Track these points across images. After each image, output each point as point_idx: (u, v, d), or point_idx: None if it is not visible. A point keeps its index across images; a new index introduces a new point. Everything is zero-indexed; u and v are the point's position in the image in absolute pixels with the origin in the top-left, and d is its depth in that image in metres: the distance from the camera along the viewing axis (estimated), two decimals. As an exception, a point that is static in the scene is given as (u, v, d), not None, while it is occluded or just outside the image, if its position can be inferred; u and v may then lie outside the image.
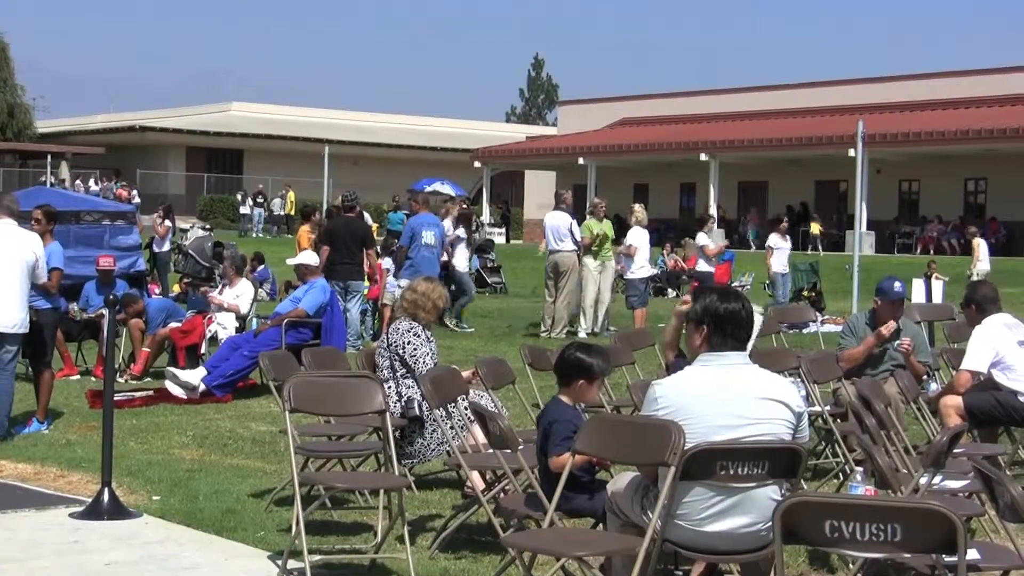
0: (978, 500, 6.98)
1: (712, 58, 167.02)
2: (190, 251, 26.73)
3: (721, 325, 5.95)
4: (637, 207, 21.28)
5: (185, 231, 31.04)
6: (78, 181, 57.09)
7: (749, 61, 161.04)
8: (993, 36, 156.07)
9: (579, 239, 20.22)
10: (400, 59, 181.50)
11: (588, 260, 20.43)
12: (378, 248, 21.06)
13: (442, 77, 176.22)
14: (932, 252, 43.01)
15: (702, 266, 21.98)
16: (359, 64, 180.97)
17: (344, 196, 19.96)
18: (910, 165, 49.11)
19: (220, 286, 16.79)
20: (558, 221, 20.46)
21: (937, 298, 22.54)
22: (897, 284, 11.16)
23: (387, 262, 20.54)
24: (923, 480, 6.81)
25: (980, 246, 28.61)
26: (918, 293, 22.14)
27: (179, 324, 15.46)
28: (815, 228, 47.38)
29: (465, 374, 9.38)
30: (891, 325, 10.58)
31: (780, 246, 24.89)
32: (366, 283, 19.59)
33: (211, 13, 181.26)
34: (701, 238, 22.22)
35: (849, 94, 52.46)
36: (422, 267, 18.11)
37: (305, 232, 22.38)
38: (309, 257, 15.37)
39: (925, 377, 11.19)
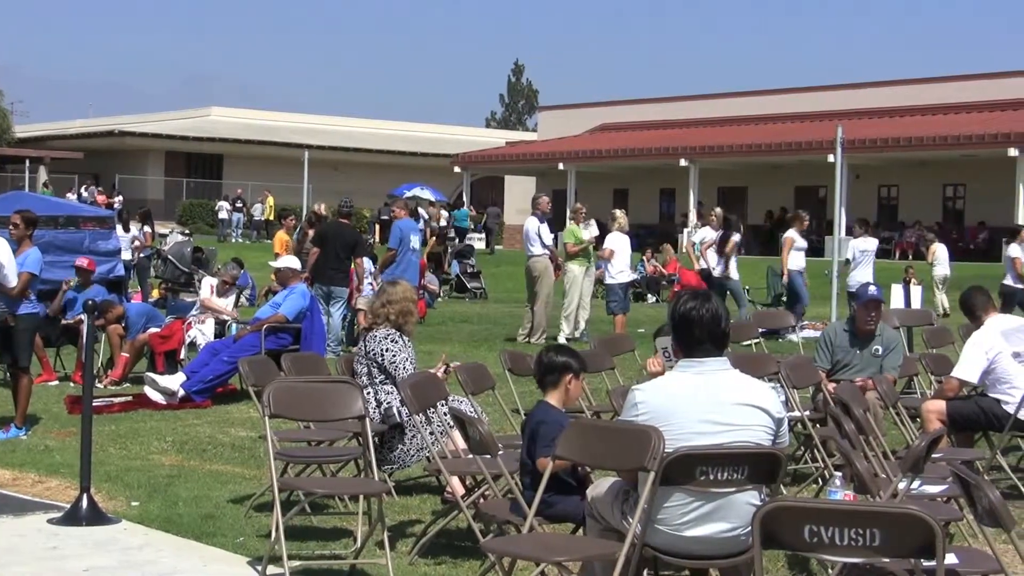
0: (956, 505, 6.99)
1: (692, 64, 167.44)
2: (169, 256, 26.63)
3: (688, 328, 5.97)
4: (619, 213, 21.27)
5: (164, 236, 30.98)
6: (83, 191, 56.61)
7: (729, 67, 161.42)
8: (972, 43, 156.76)
9: (548, 243, 20.29)
10: (380, 65, 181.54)
11: (572, 266, 20.44)
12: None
13: (422, 83, 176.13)
14: (911, 257, 43.11)
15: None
16: (339, 69, 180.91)
17: (341, 202, 20.08)
18: (889, 171, 49.26)
19: (209, 286, 16.75)
20: (528, 226, 20.56)
21: (916, 303, 22.58)
22: (872, 287, 11.26)
23: (368, 263, 20.54)
24: (902, 485, 6.83)
25: (937, 251, 28.62)
26: (897, 298, 22.17)
27: (158, 329, 15.43)
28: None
29: (440, 372, 9.36)
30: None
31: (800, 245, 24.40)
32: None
33: (191, 18, 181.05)
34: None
35: (828, 100, 52.64)
36: (408, 271, 18.27)
37: (281, 237, 22.33)
38: (291, 261, 15.36)
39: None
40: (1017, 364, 9.81)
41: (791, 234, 22.15)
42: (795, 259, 21.98)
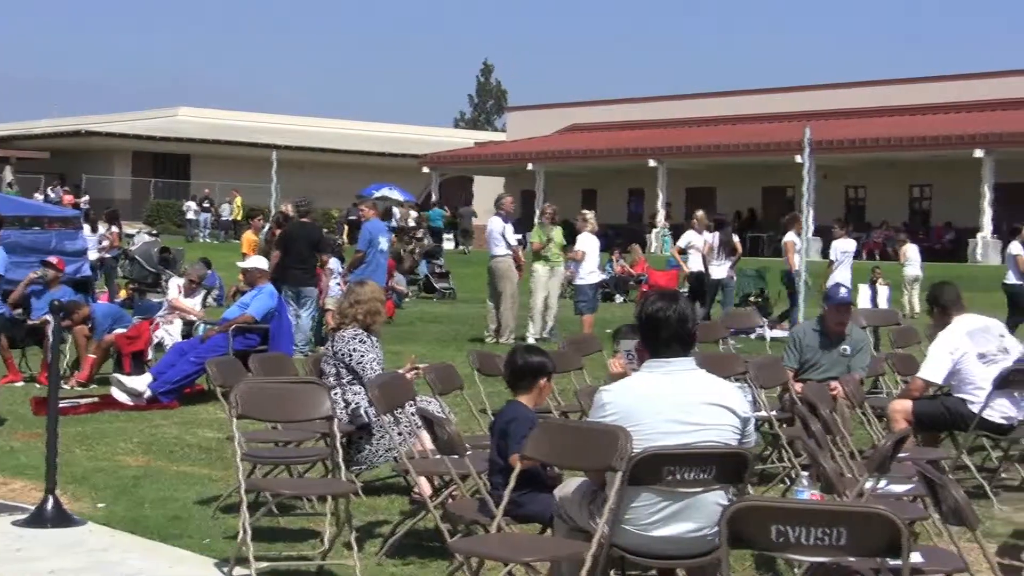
0: (922, 504, 7.02)
1: (661, 64, 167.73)
2: (136, 257, 26.55)
3: (655, 329, 5.98)
4: (589, 214, 21.32)
5: (131, 237, 30.86)
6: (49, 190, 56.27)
7: (698, 67, 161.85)
8: (938, 46, 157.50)
9: (512, 244, 20.32)
10: (349, 64, 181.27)
11: (537, 266, 20.47)
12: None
13: (391, 82, 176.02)
14: (878, 258, 43.31)
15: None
16: (307, 69, 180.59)
17: (298, 202, 20.02)
18: (856, 171, 49.51)
19: (177, 286, 16.67)
20: (492, 227, 20.60)
21: (883, 303, 22.69)
22: (843, 290, 11.36)
23: (335, 263, 20.50)
24: (868, 484, 6.85)
25: (908, 251, 28.72)
26: (864, 299, 22.27)
27: (125, 330, 15.35)
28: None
29: (409, 373, 9.35)
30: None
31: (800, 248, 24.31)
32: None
33: (158, 17, 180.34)
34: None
35: (796, 101, 52.87)
36: (376, 272, 18.31)
37: (248, 237, 22.26)
38: (259, 261, 15.32)
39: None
40: (982, 365, 9.84)
41: (792, 237, 22.27)
42: (796, 261, 22.10)
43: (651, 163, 51.60)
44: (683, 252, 23.12)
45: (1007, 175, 44.16)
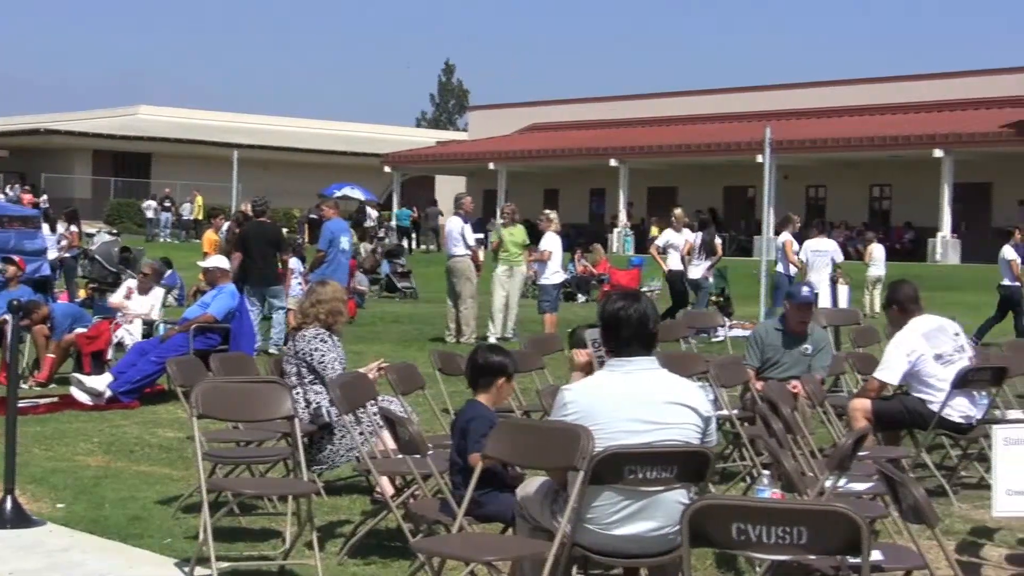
0: (882, 502, 7.05)
1: (622, 64, 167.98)
2: (96, 256, 26.38)
3: (616, 328, 6.00)
4: (552, 214, 21.35)
5: (91, 236, 30.68)
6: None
7: (659, 67, 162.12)
8: (898, 46, 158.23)
9: (471, 244, 20.34)
10: (310, 63, 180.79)
11: (497, 265, 20.52)
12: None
13: (353, 82, 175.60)
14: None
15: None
16: (269, 68, 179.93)
17: (254, 201, 19.94)
18: (817, 171, 49.71)
19: (126, 288, 16.54)
20: (451, 226, 20.62)
21: (843, 303, 22.77)
22: (805, 288, 11.39)
23: (295, 263, 20.47)
24: (828, 483, 6.88)
25: (874, 251, 28.82)
26: (824, 298, 22.33)
27: (85, 330, 15.27)
28: (654, 231, 47.70)
29: (371, 373, 9.34)
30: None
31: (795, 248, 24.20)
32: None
33: (118, 14, 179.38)
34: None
35: (757, 101, 53.08)
36: (337, 272, 18.29)
37: (209, 236, 22.15)
38: (220, 261, 15.26)
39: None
40: (940, 365, 9.90)
41: (787, 236, 22.32)
42: (795, 261, 22.15)
43: (613, 163, 51.69)
44: (662, 252, 23.11)
45: (966, 175, 44.46)
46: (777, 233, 23.29)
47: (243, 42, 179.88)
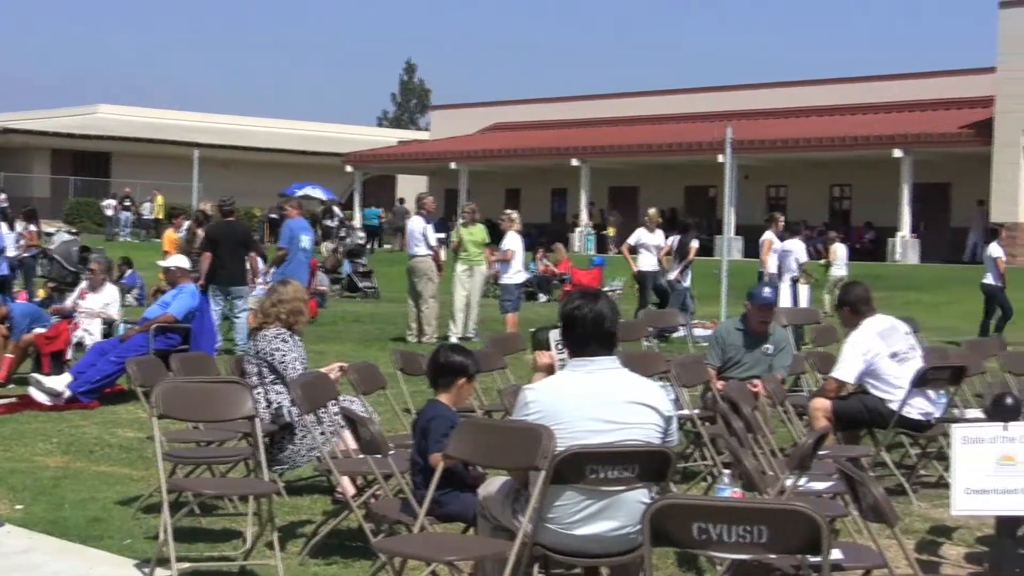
0: (842, 501, 7.09)
1: (583, 64, 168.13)
2: (56, 256, 26.22)
3: (573, 328, 6.02)
4: (514, 213, 21.40)
5: (50, 235, 30.48)
6: None
7: (620, 67, 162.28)
8: (858, 46, 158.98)
9: (433, 244, 20.36)
10: (271, 62, 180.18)
11: (456, 265, 20.55)
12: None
13: (314, 81, 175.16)
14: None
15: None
16: (229, 67, 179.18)
17: (222, 200, 19.90)
18: (777, 171, 49.85)
19: (79, 289, 16.43)
20: (413, 226, 20.66)
21: (803, 302, 22.86)
22: (767, 289, 11.46)
23: (262, 263, 20.46)
24: (788, 482, 6.92)
25: (838, 251, 28.90)
26: (784, 297, 22.41)
27: (44, 330, 15.17)
28: (610, 230, 47.88)
29: (333, 373, 9.32)
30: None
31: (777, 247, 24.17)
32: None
33: (77, 12, 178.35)
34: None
35: (718, 101, 53.20)
36: (298, 271, 18.28)
37: (170, 236, 22.03)
38: (180, 260, 15.20)
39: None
40: (896, 364, 9.98)
41: (770, 235, 22.37)
42: (771, 261, 22.19)
43: (574, 162, 51.73)
44: (633, 251, 23.14)
45: (925, 175, 44.68)
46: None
47: (203, 42, 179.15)
